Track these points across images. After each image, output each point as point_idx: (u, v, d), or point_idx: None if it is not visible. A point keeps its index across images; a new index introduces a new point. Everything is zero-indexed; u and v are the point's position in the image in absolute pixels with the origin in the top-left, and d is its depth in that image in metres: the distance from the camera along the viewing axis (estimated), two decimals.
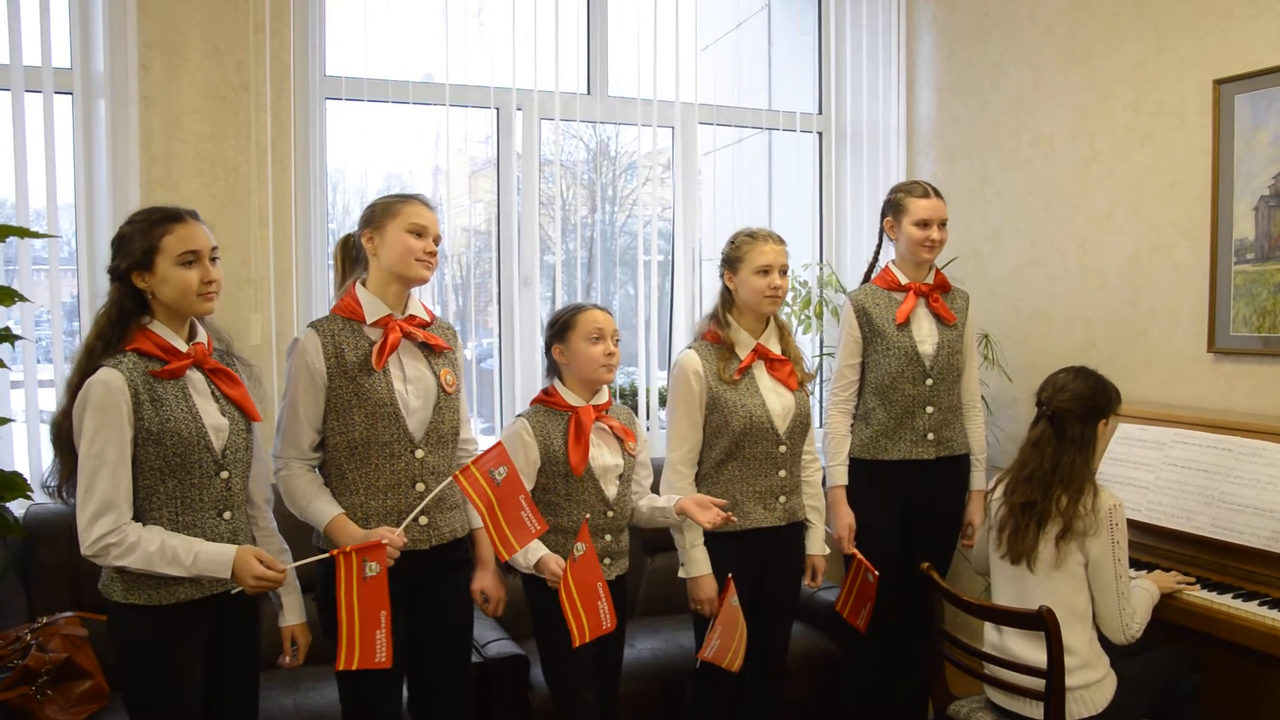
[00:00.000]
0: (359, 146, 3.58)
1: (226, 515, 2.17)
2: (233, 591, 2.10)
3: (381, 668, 2.16)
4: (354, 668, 2.13)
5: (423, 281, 2.42)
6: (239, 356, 2.32)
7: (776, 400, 2.81)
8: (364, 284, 2.41)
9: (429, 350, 2.44)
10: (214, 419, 2.15)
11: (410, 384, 2.39)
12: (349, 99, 3.58)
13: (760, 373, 2.83)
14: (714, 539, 2.75)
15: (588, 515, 2.57)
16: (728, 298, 2.85)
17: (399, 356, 2.39)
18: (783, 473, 2.82)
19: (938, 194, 3.14)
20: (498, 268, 3.91)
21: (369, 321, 2.37)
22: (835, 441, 3.16)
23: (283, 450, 2.38)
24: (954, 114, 4.22)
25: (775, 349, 2.85)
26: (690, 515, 2.59)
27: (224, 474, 2.16)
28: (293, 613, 2.34)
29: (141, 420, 2.05)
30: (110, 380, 2.03)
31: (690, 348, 2.85)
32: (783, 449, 2.81)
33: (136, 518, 2.08)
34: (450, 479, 2.25)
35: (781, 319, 2.92)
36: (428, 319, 2.47)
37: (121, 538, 2.03)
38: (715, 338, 2.83)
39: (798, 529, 2.91)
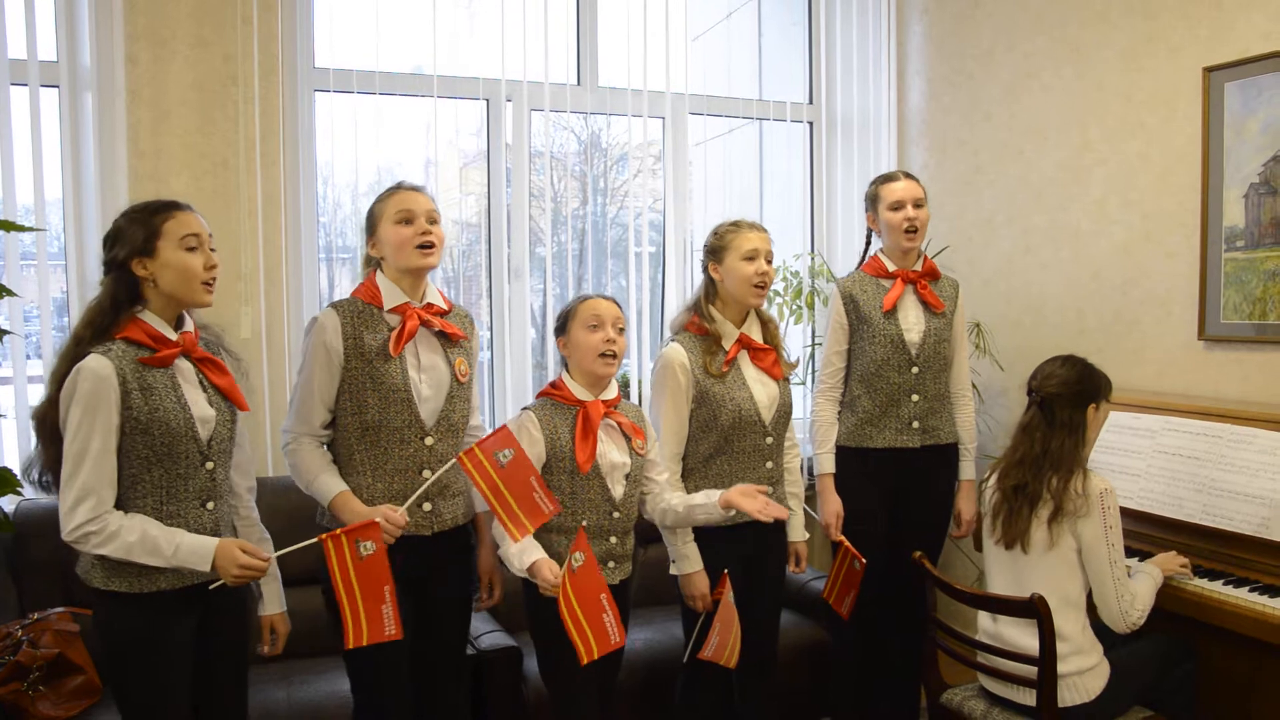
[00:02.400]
0: (349, 139, 3.57)
1: (210, 505, 2.17)
2: (211, 586, 2.10)
3: (393, 639, 2.17)
4: (364, 644, 2.14)
5: (428, 268, 2.43)
6: (228, 349, 2.32)
7: (762, 391, 2.79)
8: (383, 272, 2.44)
9: (445, 339, 2.46)
10: (202, 409, 2.16)
11: (424, 372, 2.41)
12: (338, 91, 3.56)
13: (745, 363, 2.80)
14: (704, 535, 2.73)
15: (585, 523, 2.51)
16: (711, 289, 2.82)
17: (415, 344, 2.41)
18: (769, 464, 2.82)
19: (909, 176, 3.14)
20: (488, 260, 3.90)
21: (387, 308, 2.39)
22: (822, 429, 3.16)
23: (294, 426, 2.40)
24: (945, 104, 4.22)
25: (758, 338, 2.83)
26: (739, 506, 2.49)
27: (209, 464, 2.16)
28: (272, 602, 2.37)
29: (130, 409, 2.05)
30: (99, 368, 2.02)
31: (674, 340, 2.81)
32: (769, 440, 2.80)
33: (120, 505, 2.08)
34: (454, 460, 2.25)
35: (765, 310, 2.90)
36: (445, 308, 2.49)
37: (102, 526, 2.02)
38: (699, 329, 2.79)
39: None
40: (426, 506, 2.41)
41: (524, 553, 2.41)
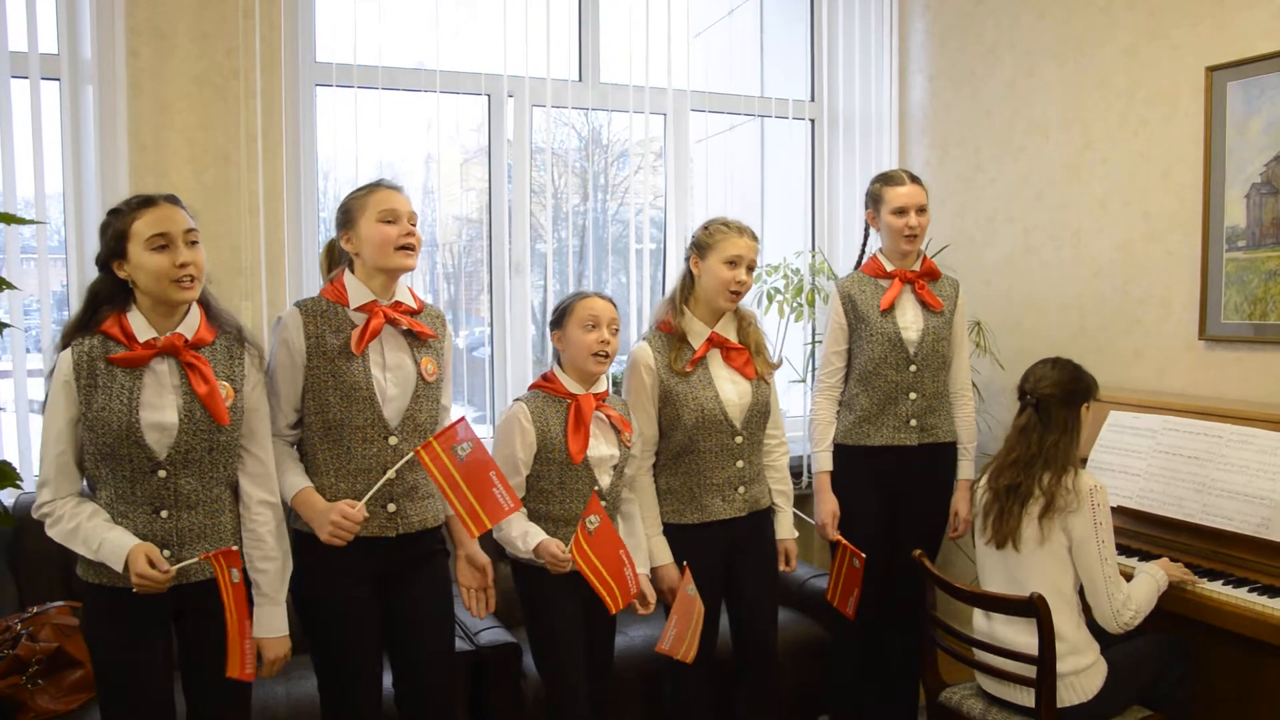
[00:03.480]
0: (350, 134, 3.57)
1: (164, 514, 2.12)
2: (134, 589, 2.04)
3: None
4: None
5: (407, 269, 2.40)
6: (252, 343, 2.27)
7: (732, 390, 2.77)
8: (352, 271, 2.41)
9: (414, 338, 2.42)
10: (159, 415, 2.10)
11: (390, 371, 2.37)
12: (339, 86, 3.56)
13: (715, 362, 2.79)
14: (674, 531, 2.75)
15: (598, 486, 2.56)
16: (688, 283, 2.81)
17: (380, 343, 2.37)
18: (740, 463, 2.79)
19: (914, 179, 3.13)
20: (489, 256, 3.90)
21: (353, 306, 2.36)
22: (820, 428, 3.16)
23: None
24: (946, 101, 4.21)
25: (731, 337, 2.81)
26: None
27: (161, 473, 2.11)
28: (261, 625, 2.23)
29: (83, 404, 2.08)
30: (62, 361, 2.09)
31: (644, 339, 2.81)
32: (739, 439, 2.78)
33: (89, 495, 2.14)
34: (411, 454, 2.24)
35: (746, 310, 2.88)
36: (415, 307, 2.45)
37: (51, 509, 2.12)
38: (668, 327, 2.79)
39: (762, 516, 2.88)
40: (391, 508, 2.36)
41: (527, 535, 2.48)
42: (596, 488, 2.55)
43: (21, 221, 2.73)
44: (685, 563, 2.67)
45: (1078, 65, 3.65)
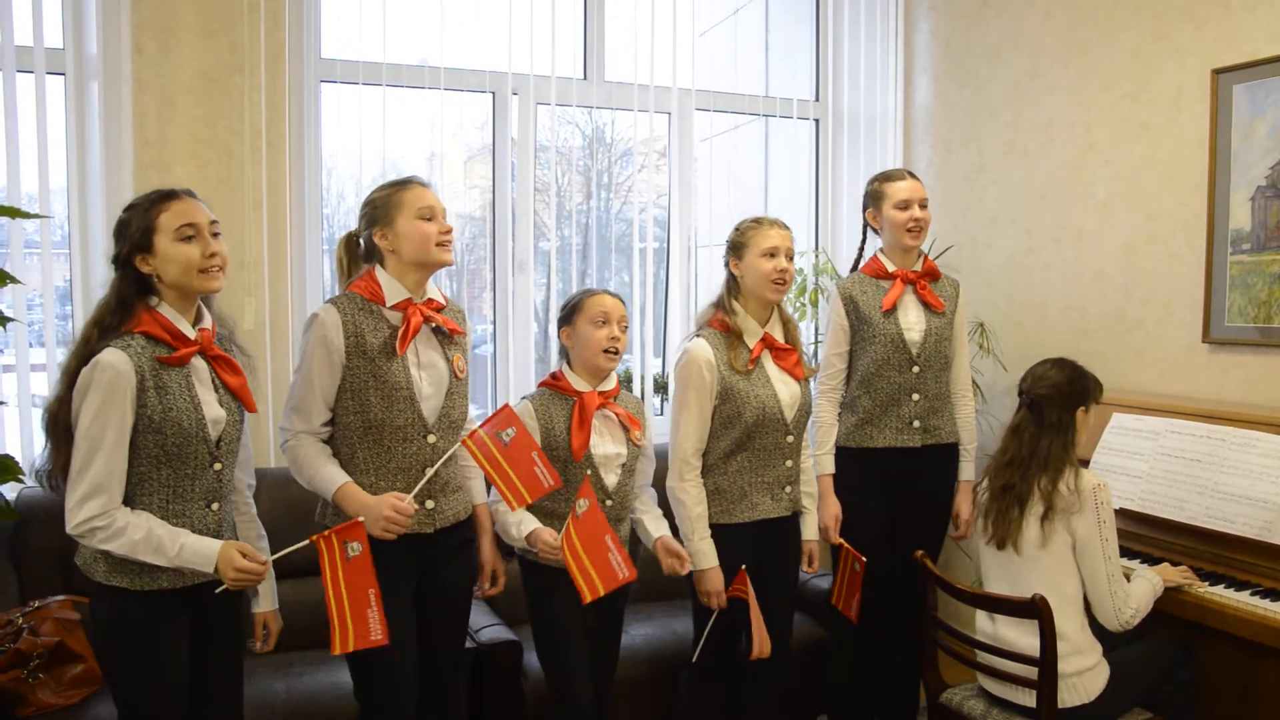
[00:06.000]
0: (354, 130, 3.57)
1: (214, 506, 2.15)
2: (217, 591, 2.08)
3: (379, 645, 2.14)
4: (350, 649, 2.11)
5: (447, 265, 2.41)
6: (238, 345, 2.30)
7: (785, 390, 2.80)
8: (383, 267, 2.40)
9: (442, 335, 2.44)
10: (214, 410, 2.14)
11: (424, 370, 2.39)
12: (343, 81, 3.56)
13: (768, 362, 2.81)
14: (721, 531, 2.75)
15: (589, 472, 2.57)
16: (733, 285, 2.84)
17: (415, 342, 2.38)
18: (789, 462, 2.82)
19: (914, 176, 3.15)
20: (493, 254, 3.90)
21: (389, 305, 2.36)
22: (822, 430, 3.16)
23: (292, 423, 2.36)
24: (951, 102, 4.21)
25: (780, 338, 2.84)
26: (659, 557, 2.65)
27: (217, 465, 2.15)
28: (266, 599, 2.33)
29: (144, 407, 2.03)
30: (118, 363, 2.00)
31: (699, 336, 2.81)
32: (790, 439, 2.81)
33: (126, 501, 2.07)
34: (459, 443, 2.29)
35: (787, 311, 2.92)
36: (444, 303, 2.47)
37: (109, 522, 2.01)
38: (723, 326, 2.80)
39: (798, 517, 2.91)
40: (430, 504, 2.38)
41: (521, 523, 2.50)
42: (588, 472, 2.57)
43: (25, 215, 2.74)
44: (744, 566, 2.67)
45: (1082, 67, 3.64)
